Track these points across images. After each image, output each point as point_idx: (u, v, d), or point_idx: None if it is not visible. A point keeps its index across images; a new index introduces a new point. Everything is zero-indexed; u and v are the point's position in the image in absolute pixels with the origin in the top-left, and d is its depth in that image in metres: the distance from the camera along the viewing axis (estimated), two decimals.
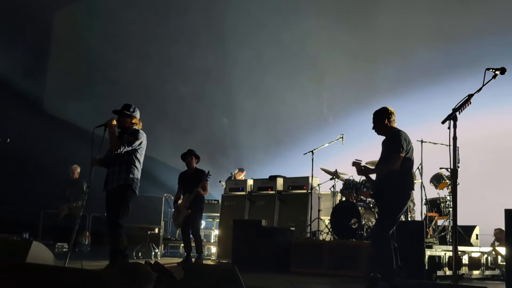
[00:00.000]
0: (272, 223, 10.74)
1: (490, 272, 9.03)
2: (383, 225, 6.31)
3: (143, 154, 7.31)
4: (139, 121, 7.37)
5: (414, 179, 6.66)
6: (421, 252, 7.65)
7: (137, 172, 7.20)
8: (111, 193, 7.15)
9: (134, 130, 7.25)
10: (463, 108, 4.93)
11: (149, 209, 12.05)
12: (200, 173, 9.91)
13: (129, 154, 7.12)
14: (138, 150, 7.20)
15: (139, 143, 7.18)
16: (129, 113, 7.27)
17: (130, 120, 7.28)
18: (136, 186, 7.19)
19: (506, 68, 4.98)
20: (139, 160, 7.24)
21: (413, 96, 13.62)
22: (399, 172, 6.29)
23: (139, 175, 7.25)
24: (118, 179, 7.10)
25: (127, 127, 7.28)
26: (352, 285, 6.35)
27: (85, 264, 7.04)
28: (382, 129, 6.47)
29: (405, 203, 6.43)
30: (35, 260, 5.61)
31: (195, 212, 9.79)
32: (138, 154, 7.22)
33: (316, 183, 10.77)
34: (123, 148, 6.98)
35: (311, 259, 8.86)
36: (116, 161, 7.15)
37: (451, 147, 5.00)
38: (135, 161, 7.17)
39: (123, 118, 7.27)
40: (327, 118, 16.03)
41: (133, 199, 7.18)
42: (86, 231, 12.83)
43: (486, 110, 11.44)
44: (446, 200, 9.63)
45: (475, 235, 9.88)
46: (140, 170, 7.28)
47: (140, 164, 7.26)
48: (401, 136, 6.36)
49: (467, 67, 12.27)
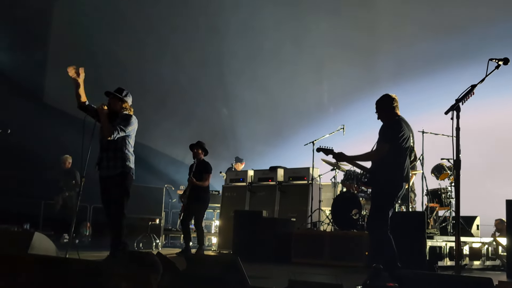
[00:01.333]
0: (273, 214, 10.76)
1: (491, 263, 9.06)
2: (377, 215, 6.26)
3: (134, 139, 7.16)
4: (130, 106, 7.19)
5: (410, 169, 6.55)
6: (422, 242, 7.67)
7: (132, 158, 7.08)
8: (108, 181, 7.01)
9: (126, 115, 7.07)
10: (466, 99, 4.90)
11: (149, 200, 12.05)
12: (203, 164, 9.98)
13: (122, 140, 6.98)
14: (130, 136, 7.07)
15: (132, 129, 7.04)
16: (121, 96, 7.09)
17: (121, 104, 7.09)
18: (133, 172, 7.09)
19: (509, 59, 4.95)
20: (131, 146, 7.11)
21: (413, 86, 13.60)
22: (393, 161, 6.19)
23: (131, 158, 7.10)
24: (114, 167, 6.97)
25: (118, 111, 7.09)
26: (354, 276, 6.35)
27: (86, 255, 7.05)
28: (385, 115, 6.39)
29: (397, 193, 6.29)
30: (37, 251, 5.59)
31: (199, 203, 9.82)
32: (130, 140, 7.09)
33: (316, 174, 10.77)
34: (116, 134, 6.82)
35: (312, 249, 8.88)
36: (110, 147, 6.98)
37: (454, 138, 4.97)
38: (128, 146, 7.04)
39: (114, 101, 7.10)
40: (328, 109, 16.02)
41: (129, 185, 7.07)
42: (87, 222, 12.86)
43: (489, 100, 11.42)
44: (447, 190, 9.63)
45: (476, 225, 9.89)
46: (130, 153, 7.12)
47: (130, 149, 7.11)
48: (397, 124, 6.24)
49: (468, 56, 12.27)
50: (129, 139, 7.06)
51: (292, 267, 7.98)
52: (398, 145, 6.16)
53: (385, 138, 6.20)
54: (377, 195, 6.43)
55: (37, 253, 5.47)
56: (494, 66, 4.99)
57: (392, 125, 6.25)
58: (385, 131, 6.25)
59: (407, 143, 6.23)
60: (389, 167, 6.20)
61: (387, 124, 6.32)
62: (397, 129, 6.18)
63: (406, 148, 6.24)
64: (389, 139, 6.17)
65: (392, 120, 6.30)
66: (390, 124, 6.28)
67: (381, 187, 6.30)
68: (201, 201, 9.97)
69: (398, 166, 6.21)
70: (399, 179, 6.22)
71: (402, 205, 9.29)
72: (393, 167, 6.19)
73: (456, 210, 4.99)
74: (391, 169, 6.20)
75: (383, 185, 6.26)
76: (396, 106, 6.37)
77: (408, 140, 6.25)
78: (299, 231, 9.57)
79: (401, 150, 6.19)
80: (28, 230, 11.23)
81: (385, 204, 6.18)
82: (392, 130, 6.19)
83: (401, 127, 6.20)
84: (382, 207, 6.17)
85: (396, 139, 6.14)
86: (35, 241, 5.80)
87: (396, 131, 6.16)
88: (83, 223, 12.69)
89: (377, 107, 6.43)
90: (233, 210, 10.53)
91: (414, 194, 10.11)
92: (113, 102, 7.11)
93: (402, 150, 6.21)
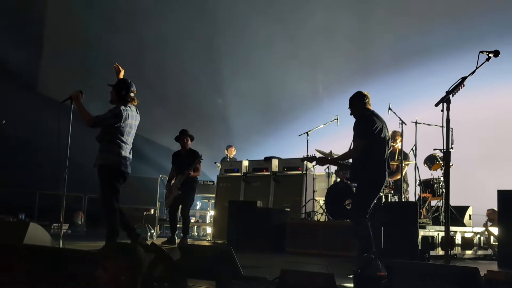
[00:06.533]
0: (267, 204, 10.80)
1: (483, 252, 9.14)
2: (360, 206, 6.48)
3: (129, 130, 6.89)
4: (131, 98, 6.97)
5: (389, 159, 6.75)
6: (415, 232, 7.73)
7: (120, 150, 6.83)
8: (98, 171, 6.91)
9: (114, 107, 6.87)
10: (456, 91, 4.94)
11: (144, 190, 12.10)
12: (194, 154, 9.80)
13: (111, 131, 6.79)
14: (120, 127, 6.79)
15: (117, 119, 6.74)
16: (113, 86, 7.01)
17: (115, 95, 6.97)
18: (121, 164, 6.85)
19: (499, 51, 4.98)
20: (122, 136, 6.85)
21: (407, 77, 13.68)
22: (373, 154, 6.45)
23: (126, 153, 6.89)
24: (100, 158, 6.85)
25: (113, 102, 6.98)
26: (347, 265, 6.42)
27: (81, 245, 7.08)
28: (358, 111, 6.62)
29: (381, 183, 6.55)
30: (32, 241, 5.63)
31: (187, 193, 9.76)
32: (121, 130, 6.82)
33: (311, 165, 10.79)
34: (91, 123, 6.69)
35: (306, 239, 8.94)
36: (102, 138, 6.89)
37: (445, 129, 5.03)
38: (116, 137, 6.81)
39: (112, 92, 7.03)
40: (322, 99, 16.07)
41: (119, 179, 6.89)
42: (80, 212, 12.87)
43: (482, 92, 11.49)
44: (440, 181, 9.69)
45: (468, 215, 9.96)
46: (127, 147, 6.92)
47: (124, 142, 6.87)
48: (368, 119, 6.49)
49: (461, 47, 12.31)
50: (120, 130, 6.81)
51: (286, 257, 8.04)
52: (375, 138, 6.45)
53: (360, 135, 6.50)
54: (362, 188, 6.66)
55: (32, 243, 5.51)
56: (485, 58, 5.03)
57: (364, 120, 6.52)
58: (358, 127, 6.53)
59: (382, 134, 6.51)
60: (370, 161, 6.48)
61: (359, 120, 6.57)
62: (370, 122, 6.47)
63: (382, 139, 6.52)
64: (364, 135, 6.47)
65: (364, 115, 6.55)
66: (362, 119, 6.55)
67: (366, 181, 6.53)
68: (192, 191, 9.96)
69: (379, 158, 6.49)
70: (382, 170, 6.50)
71: (395, 195, 9.38)
72: (374, 161, 6.48)
73: (445, 201, 5.07)
74: (373, 162, 6.48)
75: (368, 179, 6.51)
76: (367, 102, 6.66)
77: (382, 131, 6.53)
78: (293, 221, 9.63)
79: (378, 142, 6.48)
80: (23, 221, 11.27)
81: (370, 197, 6.47)
82: (365, 125, 6.48)
83: (373, 120, 6.48)
84: (366, 200, 6.46)
85: (371, 133, 6.42)
86: (30, 231, 5.84)
87: (370, 125, 6.45)
88: (76, 213, 12.70)
89: (350, 103, 6.73)
90: (228, 200, 10.55)
91: (407, 184, 10.18)
92: (111, 94, 7.05)
93: (379, 141, 6.50)
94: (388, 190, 9.19)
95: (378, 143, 6.49)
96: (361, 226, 6.40)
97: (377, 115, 6.62)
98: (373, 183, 6.49)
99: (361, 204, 6.51)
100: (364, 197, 6.49)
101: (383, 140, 6.53)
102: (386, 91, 12.68)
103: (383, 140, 6.53)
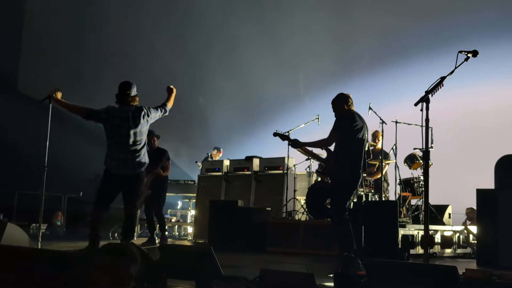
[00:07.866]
0: (248, 203, 10.80)
1: (462, 250, 9.22)
2: (338, 204, 6.53)
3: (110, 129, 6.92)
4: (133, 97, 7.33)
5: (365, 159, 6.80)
6: (395, 231, 7.77)
7: (109, 151, 6.96)
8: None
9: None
10: (435, 90, 4.99)
11: None
12: (161, 152, 9.72)
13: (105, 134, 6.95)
14: (104, 126, 6.93)
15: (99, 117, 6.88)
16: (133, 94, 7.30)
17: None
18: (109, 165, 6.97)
19: (478, 51, 5.04)
20: (108, 137, 6.96)
21: (388, 77, 13.75)
22: (350, 152, 6.50)
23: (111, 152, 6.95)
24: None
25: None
26: (327, 264, 6.44)
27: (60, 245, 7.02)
28: (341, 112, 6.63)
29: (356, 182, 6.60)
30: (10, 241, 5.58)
31: (157, 193, 9.67)
32: (106, 130, 6.95)
33: (292, 164, 10.83)
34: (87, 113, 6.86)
35: (287, 238, 8.94)
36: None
37: (424, 129, 5.07)
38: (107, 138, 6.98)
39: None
40: (304, 99, 16.10)
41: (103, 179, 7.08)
42: (59, 212, 12.72)
43: (460, 90, 11.57)
44: (420, 180, 9.74)
45: (448, 214, 10.03)
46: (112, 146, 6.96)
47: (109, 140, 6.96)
48: (350, 115, 6.53)
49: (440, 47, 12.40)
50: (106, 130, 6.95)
51: (266, 256, 8.04)
52: (353, 137, 6.48)
53: (337, 128, 6.53)
54: (338, 187, 6.69)
55: (10, 243, 5.45)
56: (464, 58, 5.07)
57: (345, 116, 6.55)
58: (339, 121, 6.56)
59: (361, 133, 6.54)
60: (347, 159, 6.52)
61: (340, 116, 6.60)
62: (351, 119, 6.51)
63: (361, 139, 6.55)
64: (341, 129, 6.51)
65: (348, 113, 6.59)
66: (344, 115, 6.57)
67: (342, 179, 6.58)
68: (162, 191, 9.88)
69: (356, 157, 6.53)
70: (357, 169, 6.53)
71: (376, 194, 9.42)
72: (350, 158, 6.52)
73: (425, 200, 5.11)
74: (349, 161, 6.52)
75: (343, 177, 6.56)
76: (351, 103, 6.68)
77: (362, 131, 6.57)
78: (274, 221, 9.63)
79: (356, 141, 6.51)
80: (1, 221, 11.14)
81: (346, 195, 6.57)
82: (345, 121, 6.51)
83: (355, 118, 6.51)
84: (343, 198, 6.54)
85: (350, 129, 6.46)
86: (7, 232, 5.78)
87: (350, 121, 6.49)
88: (55, 213, 12.56)
89: (333, 105, 6.75)
90: (209, 199, 10.53)
91: (387, 184, 10.24)
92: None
93: (358, 141, 6.52)
94: (368, 189, 9.24)
95: (356, 142, 6.51)
96: (342, 223, 6.41)
97: (360, 115, 6.65)
98: (346, 182, 6.53)
99: (337, 200, 6.57)
100: (340, 194, 6.55)
101: (360, 140, 6.55)
102: (366, 90, 12.73)
103: (360, 140, 6.55)
